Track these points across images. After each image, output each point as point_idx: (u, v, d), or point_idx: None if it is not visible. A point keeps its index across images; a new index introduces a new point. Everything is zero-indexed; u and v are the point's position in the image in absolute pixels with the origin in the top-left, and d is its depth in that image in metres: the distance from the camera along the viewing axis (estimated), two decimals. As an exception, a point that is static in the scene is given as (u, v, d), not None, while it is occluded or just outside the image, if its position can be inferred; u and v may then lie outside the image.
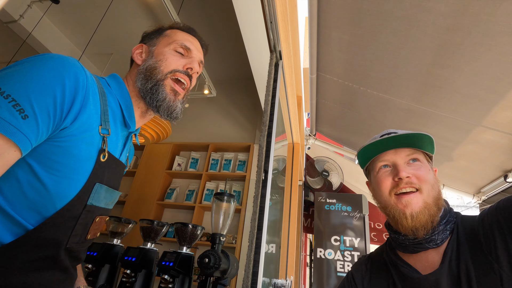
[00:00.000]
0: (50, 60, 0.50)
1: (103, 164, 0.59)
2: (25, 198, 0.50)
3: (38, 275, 0.52)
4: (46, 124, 0.48)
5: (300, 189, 2.58)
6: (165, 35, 0.76)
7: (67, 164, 0.52)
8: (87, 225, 0.60)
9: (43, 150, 0.50)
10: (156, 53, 0.72)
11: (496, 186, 1.80)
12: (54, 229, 0.52)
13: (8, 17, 2.77)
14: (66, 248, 0.55)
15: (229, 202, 1.11)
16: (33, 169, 0.50)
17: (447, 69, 1.18)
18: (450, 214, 0.64)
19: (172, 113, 0.70)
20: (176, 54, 0.72)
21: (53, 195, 0.52)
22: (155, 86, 0.67)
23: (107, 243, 1.24)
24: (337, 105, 1.95)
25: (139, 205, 3.08)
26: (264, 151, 0.91)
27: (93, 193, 0.57)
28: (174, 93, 0.70)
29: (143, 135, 2.03)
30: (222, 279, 1.04)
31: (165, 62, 0.70)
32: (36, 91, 0.46)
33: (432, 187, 0.63)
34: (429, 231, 0.61)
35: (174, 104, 0.70)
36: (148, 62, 0.70)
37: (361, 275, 0.75)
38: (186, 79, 0.72)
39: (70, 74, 0.51)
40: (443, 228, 0.61)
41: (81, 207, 0.56)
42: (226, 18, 2.89)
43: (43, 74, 0.48)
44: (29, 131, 0.45)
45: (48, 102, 0.47)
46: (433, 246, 0.61)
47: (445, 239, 0.61)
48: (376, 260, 0.75)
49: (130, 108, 0.68)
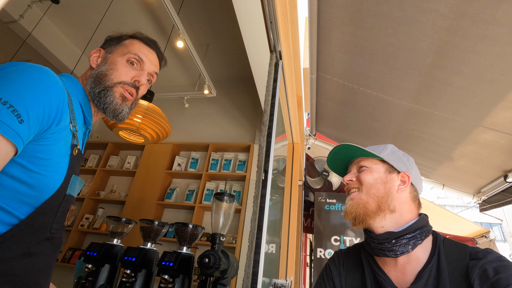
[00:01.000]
0: (35, 72, 0.58)
1: (75, 158, 0.67)
2: (16, 192, 0.57)
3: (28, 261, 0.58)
4: (35, 127, 0.56)
5: (300, 189, 2.58)
6: (122, 44, 0.81)
7: (51, 159, 0.61)
8: (65, 213, 0.67)
9: (30, 149, 0.57)
10: (110, 61, 0.77)
11: (496, 186, 1.80)
12: (41, 217, 0.60)
13: (8, 17, 2.77)
14: (49, 234, 0.63)
15: (229, 202, 1.11)
16: (23, 166, 0.57)
17: (446, 70, 1.19)
18: (422, 232, 0.66)
19: (117, 116, 0.77)
20: (128, 65, 0.78)
21: (40, 188, 0.59)
22: (102, 91, 0.73)
23: (107, 243, 1.24)
24: (337, 105, 1.96)
25: (139, 205, 3.08)
26: (264, 151, 0.91)
27: (70, 183, 0.66)
28: (122, 98, 0.76)
29: (143, 135, 2.03)
30: (222, 279, 1.04)
31: (116, 72, 0.76)
32: (30, 99, 0.54)
33: (371, 187, 0.71)
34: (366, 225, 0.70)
35: (120, 107, 0.76)
36: (101, 68, 0.76)
37: (337, 271, 0.79)
38: (133, 90, 0.78)
39: (55, 87, 0.60)
40: (405, 242, 0.65)
41: (61, 197, 0.64)
42: (226, 18, 2.89)
43: (35, 86, 0.56)
44: (23, 133, 0.53)
45: (39, 109, 0.56)
46: (392, 256, 0.65)
47: (405, 252, 0.64)
48: (353, 257, 0.79)
49: (88, 107, 0.74)
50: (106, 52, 0.80)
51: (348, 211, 0.73)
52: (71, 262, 2.96)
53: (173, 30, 2.73)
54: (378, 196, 0.70)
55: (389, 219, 0.69)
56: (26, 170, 0.57)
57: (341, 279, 0.77)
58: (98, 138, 3.87)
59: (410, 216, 0.69)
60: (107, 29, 3.05)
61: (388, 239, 0.66)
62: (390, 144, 0.80)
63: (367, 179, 0.73)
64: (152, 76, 0.84)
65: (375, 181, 0.72)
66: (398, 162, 0.75)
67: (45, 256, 0.63)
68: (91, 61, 0.79)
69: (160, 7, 2.78)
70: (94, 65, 0.78)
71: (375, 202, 0.70)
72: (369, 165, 0.75)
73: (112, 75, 0.75)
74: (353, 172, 0.78)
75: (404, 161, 0.76)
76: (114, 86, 0.75)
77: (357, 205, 0.71)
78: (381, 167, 0.75)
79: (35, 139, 0.58)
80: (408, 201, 0.71)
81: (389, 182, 0.72)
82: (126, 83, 0.76)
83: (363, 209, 0.70)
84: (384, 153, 0.76)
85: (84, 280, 1.16)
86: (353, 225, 0.72)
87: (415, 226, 0.66)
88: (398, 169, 0.74)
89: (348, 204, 0.74)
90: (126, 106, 0.78)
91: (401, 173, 0.73)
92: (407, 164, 0.75)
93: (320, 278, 0.83)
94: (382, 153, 0.76)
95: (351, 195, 0.75)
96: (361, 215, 0.70)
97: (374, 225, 0.69)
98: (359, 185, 0.74)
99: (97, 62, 0.79)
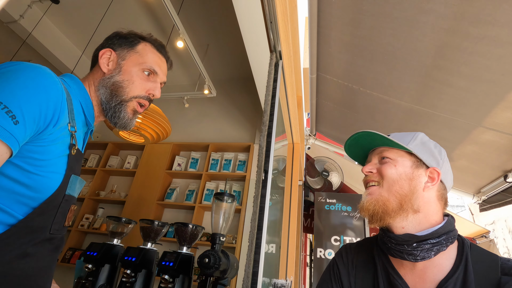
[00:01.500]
0: (34, 73, 0.57)
1: (73, 158, 0.66)
2: (13, 193, 0.56)
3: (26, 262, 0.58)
4: (31, 128, 0.55)
5: (300, 189, 2.58)
6: (136, 51, 0.78)
7: (48, 160, 0.60)
8: (65, 213, 0.66)
9: (26, 150, 0.57)
10: (124, 69, 0.75)
11: (496, 186, 1.80)
12: (40, 218, 0.60)
13: (8, 17, 2.77)
14: (49, 234, 0.62)
15: (229, 202, 1.11)
16: (20, 168, 0.56)
17: (446, 70, 1.19)
18: (448, 238, 0.59)
19: (125, 128, 0.77)
20: (143, 77, 0.77)
21: (39, 189, 0.59)
22: (118, 106, 0.73)
23: (107, 243, 1.24)
24: (337, 106, 1.96)
25: (139, 205, 3.08)
26: (264, 151, 0.91)
27: (70, 184, 0.65)
28: (133, 113, 0.77)
29: (143, 135, 2.03)
30: (222, 279, 1.04)
31: (132, 85, 0.75)
32: (26, 100, 0.53)
33: (394, 183, 0.63)
34: (385, 224, 0.63)
35: (130, 122, 0.77)
36: (115, 77, 0.74)
37: (346, 270, 0.72)
38: (146, 103, 0.79)
39: (52, 87, 0.59)
40: (428, 248, 0.58)
41: (61, 197, 0.63)
42: (226, 18, 2.89)
43: (32, 86, 0.56)
44: (19, 134, 0.52)
45: (35, 110, 0.55)
46: (411, 260, 0.59)
47: (426, 258, 0.58)
48: (365, 254, 0.72)
49: (90, 108, 0.73)
50: (118, 57, 0.76)
51: (365, 207, 0.65)
52: (71, 262, 2.96)
53: (173, 30, 2.73)
54: (401, 194, 0.62)
55: (412, 220, 0.61)
56: (23, 171, 0.57)
57: (350, 279, 0.70)
58: (98, 138, 3.87)
59: (435, 218, 0.62)
60: (107, 29, 3.05)
61: (408, 242, 0.59)
62: (420, 133, 0.69)
63: (390, 174, 0.64)
64: (161, 85, 0.85)
65: (399, 177, 0.63)
66: (428, 155, 0.65)
67: (44, 256, 0.62)
68: (102, 64, 0.75)
69: (160, 7, 2.78)
70: (106, 69, 0.75)
71: (396, 201, 0.62)
72: (394, 157, 0.66)
73: (128, 88, 0.74)
74: (373, 163, 0.69)
75: (435, 154, 0.66)
76: (129, 101, 0.74)
77: (375, 202, 0.64)
78: (408, 160, 0.65)
79: (32, 140, 0.57)
80: (435, 201, 0.63)
81: (415, 178, 0.63)
82: (141, 96, 0.76)
83: (383, 207, 0.63)
84: (412, 144, 0.66)
85: (84, 280, 1.16)
86: (369, 223, 0.65)
87: (441, 231, 0.59)
88: (427, 164, 0.64)
89: (366, 199, 0.66)
90: (135, 118, 0.78)
91: (430, 168, 0.64)
92: (439, 157, 0.66)
93: (327, 276, 0.75)
94: (411, 143, 0.66)
95: (370, 189, 0.66)
96: (379, 213, 0.63)
97: (394, 225, 0.63)
98: (379, 178, 0.66)
99: (109, 66, 0.75)
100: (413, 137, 0.68)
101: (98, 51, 0.77)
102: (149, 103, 0.80)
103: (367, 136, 0.68)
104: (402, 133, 0.70)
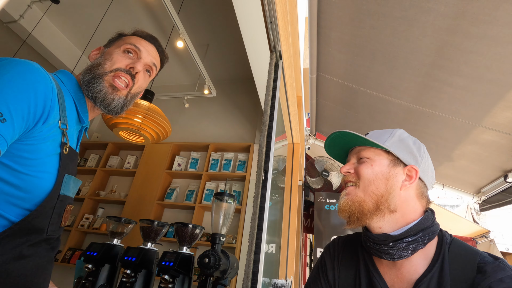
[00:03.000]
0: (21, 68, 0.55)
1: (66, 156, 0.64)
2: (3, 194, 0.54)
3: (22, 263, 0.57)
4: (19, 126, 0.53)
5: (300, 189, 2.58)
6: (121, 39, 0.80)
7: (38, 159, 0.58)
8: (61, 214, 0.65)
9: (15, 149, 0.55)
10: (107, 52, 0.76)
11: (496, 186, 1.80)
12: (36, 220, 0.58)
13: (8, 17, 2.77)
14: (46, 236, 0.61)
15: (229, 202, 1.11)
16: (9, 167, 0.55)
17: (446, 70, 1.19)
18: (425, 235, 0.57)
19: (109, 107, 0.73)
20: (123, 55, 0.76)
21: (30, 189, 0.57)
22: (92, 79, 0.70)
23: (107, 243, 1.24)
24: (337, 105, 1.96)
25: (139, 205, 3.08)
26: (264, 151, 0.91)
27: (64, 183, 0.63)
28: (112, 87, 0.72)
29: (143, 135, 2.03)
30: (222, 279, 1.04)
31: (110, 61, 0.74)
32: (13, 97, 0.51)
33: (370, 183, 0.62)
34: (363, 224, 0.63)
35: (109, 96, 0.72)
36: (97, 60, 0.75)
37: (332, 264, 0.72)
38: (127, 77, 0.74)
39: (41, 82, 0.56)
40: (404, 246, 0.57)
41: (55, 198, 0.62)
42: (226, 18, 2.89)
43: (19, 82, 0.53)
44: (6, 133, 0.50)
45: (23, 107, 0.53)
46: (388, 259, 0.59)
47: (403, 257, 0.57)
48: (350, 249, 0.72)
49: (83, 103, 0.71)
50: (104, 48, 0.81)
51: (341, 208, 0.65)
52: (71, 262, 2.96)
53: (173, 30, 2.73)
54: (377, 194, 0.61)
55: (388, 220, 0.60)
56: (12, 171, 0.55)
57: (335, 273, 0.70)
58: (98, 138, 3.87)
59: (413, 216, 0.60)
60: (107, 29, 3.06)
61: (385, 241, 0.59)
62: (399, 129, 0.68)
63: (366, 174, 0.63)
64: (151, 68, 0.81)
65: (375, 177, 0.62)
66: (405, 153, 0.64)
67: (40, 257, 0.61)
68: (90, 57, 0.78)
69: (160, 7, 2.78)
70: (92, 60, 0.78)
71: (372, 201, 0.61)
72: (371, 156, 0.65)
73: (106, 64, 0.72)
74: (352, 163, 0.68)
75: (414, 151, 0.64)
76: (104, 75, 0.71)
77: (351, 203, 0.63)
78: (385, 159, 0.64)
79: (21, 138, 0.55)
80: (413, 199, 0.62)
81: (391, 178, 0.62)
82: (119, 69, 0.73)
83: (359, 208, 0.62)
84: (389, 142, 0.65)
85: (84, 280, 1.16)
86: (347, 224, 0.64)
87: (416, 229, 0.58)
88: (405, 162, 0.63)
89: (343, 200, 0.65)
90: (117, 96, 0.73)
91: (408, 166, 0.63)
92: (417, 154, 0.64)
93: (315, 269, 0.77)
94: (388, 141, 0.65)
95: (347, 190, 0.66)
96: (356, 213, 0.62)
97: (371, 225, 0.62)
98: (356, 179, 0.65)
99: (95, 57, 0.79)
100: (391, 134, 0.66)
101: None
102: (131, 79, 0.75)
103: (344, 136, 0.68)
104: (381, 131, 0.69)
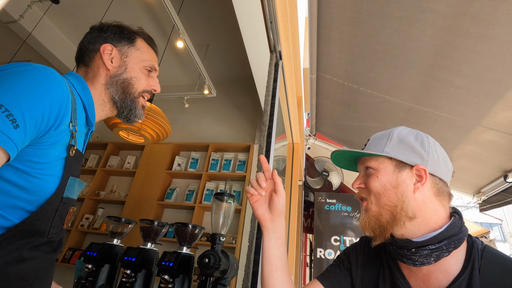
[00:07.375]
0: (37, 74, 0.56)
1: (72, 159, 0.65)
2: (10, 196, 0.55)
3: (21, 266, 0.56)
4: (31, 132, 0.53)
5: (300, 189, 2.58)
6: (137, 48, 0.81)
7: (48, 163, 0.59)
8: (63, 216, 0.65)
9: (26, 153, 0.56)
10: (130, 67, 0.78)
11: (496, 186, 1.80)
12: (38, 222, 0.58)
13: (8, 17, 2.77)
14: (47, 239, 0.61)
15: (229, 202, 1.11)
16: (19, 170, 0.55)
17: (446, 70, 1.19)
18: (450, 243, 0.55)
19: (134, 121, 0.82)
20: (146, 73, 0.82)
21: (36, 192, 0.58)
22: (132, 103, 0.78)
23: (107, 243, 1.24)
24: (337, 105, 1.96)
25: (139, 205, 3.08)
26: (264, 151, 0.91)
27: (68, 186, 0.64)
28: (142, 108, 0.83)
29: (143, 135, 2.03)
30: (222, 279, 1.04)
31: (139, 81, 0.79)
32: (29, 104, 0.52)
33: (380, 196, 0.61)
34: (387, 237, 0.61)
35: (141, 117, 0.82)
36: (123, 75, 0.77)
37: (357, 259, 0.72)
38: (149, 97, 0.86)
39: (58, 90, 0.58)
40: (427, 254, 0.55)
41: (58, 200, 0.62)
42: (226, 18, 2.89)
43: (36, 89, 0.54)
44: (18, 139, 0.51)
45: (37, 115, 0.53)
46: (410, 264, 0.58)
47: (426, 263, 0.56)
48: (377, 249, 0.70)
49: (91, 108, 0.73)
50: (120, 53, 0.77)
51: (362, 226, 0.64)
52: (71, 262, 2.96)
53: (173, 30, 2.73)
54: (390, 205, 0.59)
55: (410, 228, 0.58)
56: (22, 174, 0.56)
57: (358, 268, 0.69)
58: (98, 138, 3.87)
59: (435, 220, 0.57)
60: (107, 29, 3.06)
61: (407, 247, 0.57)
62: (396, 129, 0.65)
63: (374, 187, 0.62)
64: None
65: (383, 188, 0.60)
66: (408, 154, 0.60)
67: (41, 260, 0.61)
68: (106, 60, 0.75)
69: (160, 7, 2.78)
70: (110, 67, 0.75)
71: (388, 213, 0.59)
72: (375, 166, 0.63)
73: (136, 85, 0.79)
74: (361, 176, 0.67)
75: (417, 148, 0.60)
76: (138, 97, 0.80)
77: (369, 219, 0.62)
78: (389, 165, 0.61)
79: (32, 143, 0.56)
80: (431, 200, 0.58)
81: (401, 184, 0.59)
82: (146, 91, 0.82)
83: (377, 222, 0.60)
84: (388, 146, 0.62)
85: (84, 280, 1.16)
86: (373, 240, 0.62)
87: (441, 236, 0.54)
88: (410, 163, 0.60)
89: (362, 217, 0.65)
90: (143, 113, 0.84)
91: (415, 167, 0.59)
92: (422, 150, 0.60)
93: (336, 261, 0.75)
94: (387, 146, 0.63)
95: (363, 205, 0.65)
96: (377, 228, 0.61)
97: (395, 233, 0.60)
98: (367, 193, 0.64)
99: (113, 64, 0.75)
100: (389, 137, 0.64)
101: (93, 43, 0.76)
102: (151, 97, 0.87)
103: (343, 153, 0.68)
104: (380, 134, 0.68)
